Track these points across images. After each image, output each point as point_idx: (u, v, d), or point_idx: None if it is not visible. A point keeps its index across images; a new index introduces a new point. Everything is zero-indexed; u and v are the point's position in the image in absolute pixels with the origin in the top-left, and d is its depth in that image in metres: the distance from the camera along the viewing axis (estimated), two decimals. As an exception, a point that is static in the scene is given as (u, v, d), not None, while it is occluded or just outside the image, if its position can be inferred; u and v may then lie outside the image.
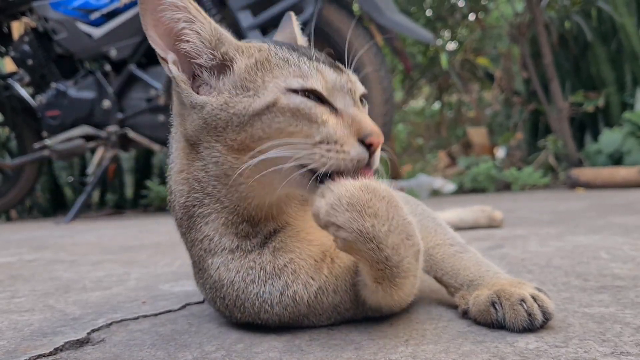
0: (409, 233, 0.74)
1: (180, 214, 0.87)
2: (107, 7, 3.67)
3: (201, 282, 0.91)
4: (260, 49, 0.81)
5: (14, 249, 2.30)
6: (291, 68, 0.77)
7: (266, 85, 0.76)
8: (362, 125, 0.75)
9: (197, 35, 0.80)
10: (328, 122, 0.75)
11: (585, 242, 1.58)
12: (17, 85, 4.10)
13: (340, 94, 0.77)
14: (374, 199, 0.71)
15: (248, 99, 0.76)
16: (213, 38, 0.81)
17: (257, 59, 0.79)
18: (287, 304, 0.83)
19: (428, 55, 6.79)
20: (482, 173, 4.92)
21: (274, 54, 0.80)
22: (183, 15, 0.79)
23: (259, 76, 0.78)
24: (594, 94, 5.24)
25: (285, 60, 0.78)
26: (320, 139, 0.74)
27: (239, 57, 0.80)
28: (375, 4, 3.25)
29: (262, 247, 0.84)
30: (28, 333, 0.94)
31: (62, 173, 6.10)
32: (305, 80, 0.75)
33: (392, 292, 0.78)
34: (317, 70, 0.77)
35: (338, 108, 0.77)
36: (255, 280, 0.83)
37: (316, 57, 0.80)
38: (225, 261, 0.84)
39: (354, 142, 0.74)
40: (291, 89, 0.75)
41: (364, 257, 0.74)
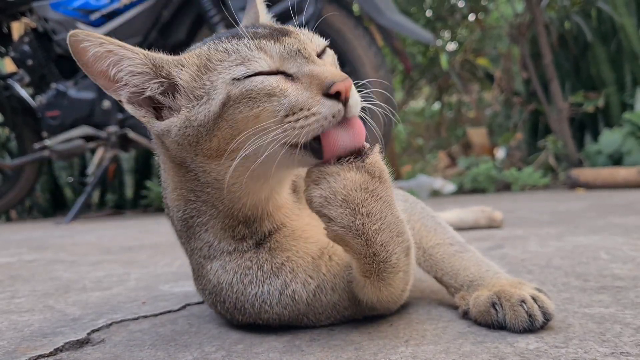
0: (400, 230, 0.75)
1: (180, 226, 0.89)
2: (107, 8, 3.67)
3: (201, 288, 0.92)
4: (199, 54, 0.79)
5: (14, 249, 2.30)
6: (232, 57, 0.75)
7: (215, 85, 0.74)
8: (321, 77, 0.71)
9: (131, 74, 0.78)
10: (287, 90, 0.72)
11: (585, 243, 1.58)
12: (17, 85, 4.09)
13: (290, 60, 0.74)
14: (370, 199, 0.71)
15: (205, 105, 0.75)
16: (149, 67, 0.79)
17: (198, 64, 0.77)
18: (287, 304, 0.83)
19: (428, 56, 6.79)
20: (482, 173, 4.92)
21: (213, 51, 0.77)
22: (109, 62, 0.77)
23: (206, 79, 0.76)
24: (593, 94, 5.24)
25: (225, 51, 0.76)
26: (285, 111, 0.71)
27: (181, 71, 0.78)
28: (376, 4, 3.25)
29: (257, 247, 0.84)
30: (28, 333, 0.94)
31: (62, 173, 6.10)
32: (248, 65, 0.73)
33: (380, 286, 0.78)
34: (258, 49, 0.74)
35: (292, 73, 0.73)
36: (254, 281, 0.83)
37: (257, 33, 0.77)
38: (223, 263, 0.84)
39: (320, 98, 0.70)
40: (237, 78, 0.73)
41: (352, 250, 0.74)
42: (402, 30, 3.36)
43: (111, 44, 0.77)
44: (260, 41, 0.75)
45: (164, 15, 3.64)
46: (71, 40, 0.75)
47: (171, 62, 0.79)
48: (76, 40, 0.75)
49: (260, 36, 0.76)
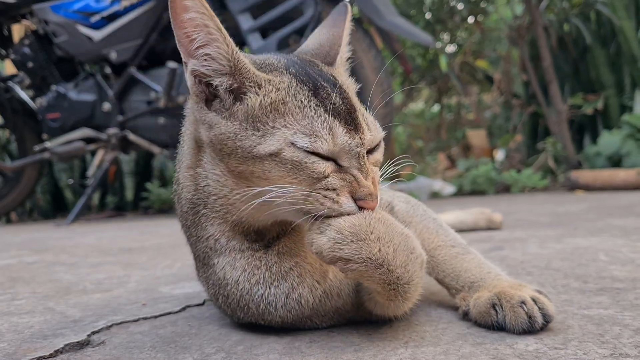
0: (411, 246, 0.76)
1: (186, 207, 0.87)
2: (107, 10, 3.68)
3: (204, 277, 0.90)
4: (280, 87, 0.77)
5: (15, 251, 2.30)
6: (304, 121, 0.74)
7: (274, 132, 0.74)
8: (360, 187, 0.74)
9: (210, 58, 0.77)
10: (329, 176, 0.74)
11: (585, 244, 1.58)
12: (17, 87, 4.10)
13: (347, 156, 0.75)
14: (373, 223, 0.73)
15: (255, 138, 0.74)
16: (230, 64, 0.77)
17: (272, 99, 0.76)
18: (292, 307, 0.83)
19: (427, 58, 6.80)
20: (482, 175, 4.92)
21: (292, 96, 0.76)
22: (199, 36, 0.76)
23: (271, 119, 0.75)
24: (593, 96, 5.24)
25: (301, 108, 0.75)
26: (317, 183, 0.74)
27: (254, 93, 0.77)
28: (375, 6, 3.25)
29: (267, 248, 0.84)
30: (28, 335, 0.94)
31: (63, 175, 6.10)
32: (312, 142, 0.73)
33: (404, 305, 0.79)
34: (329, 130, 0.74)
35: (343, 165, 0.75)
36: (261, 281, 0.83)
37: (335, 109, 0.76)
38: (232, 260, 0.84)
39: (349, 197, 0.74)
40: (296, 145, 0.73)
41: (375, 282, 0.74)
42: (401, 32, 3.36)
43: (211, 19, 0.75)
44: (335, 122, 0.75)
45: (165, 18, 3.65)
46: None
47: (252, 76, 0.77)
48: None
49: (336, 115, 0.75)
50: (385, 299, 0.78)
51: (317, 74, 0.80)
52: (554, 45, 5.54)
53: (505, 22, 5.65)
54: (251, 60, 0.80)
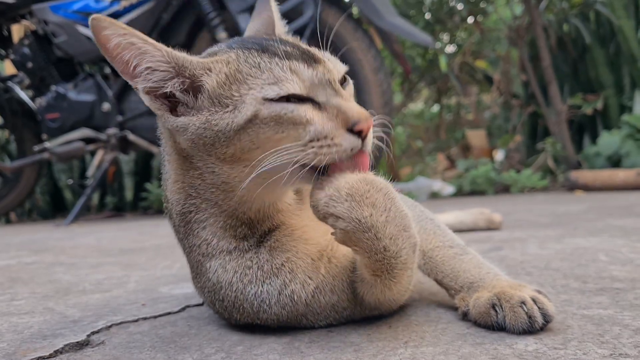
0: (406, 225, 0.75)
1: (177, 221, 0.88)
2: (107, 10, 3.68)
3: (199, 286, 0.91)
4: (229, 61, 0.78)
5: (14, 252, 2.30)
6: (264, 74, 0.75)
7: (243, 99, 0.75)
8: (348, 114, 0.74)
9: (151, 70, 0.77)
10: (313, 119, 0.74)
11: (584, 245, 1.59)
12: (17, 87, 4.10)
13: (320, 88, 0.75)
14: (372, 190, 0.73)
15: (229, 114, 0.75)
16: (171, 66, 0.78)
17: (227, 73, 0.77)
18: (285, 304, 0.83)
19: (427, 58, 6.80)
20: (481, 175, 4.92)
21: (243, 62, 0.77)
22: (131, 56, 0.76)
23: (234, 89, 0.76)
24: (592, 96, 5.25)
25: (256, 66, 0.76)
26: (309, 137, 0.74)
27: (207, 76, 0.78)
28: (375, 7, 3.26)
29: (258, 247, 0.84)
30: (28, 335, 0.94)
31: (62, 175, 6.10)
32: (281, 87, 0.73)
33: (391, 284, 0.79)
34: (291, 71, 0.75)
35: (320, 102, 0.75)
36: (253, 280, 0.83)
37: (289, 53, 0.77)
38: (223, 262, 0.84)
39: (344, 132, 0.73)
40: (268, 98, 0.73)
41: (362, 247, 0.74)
42: (401, 33, 3.37)
43: (134, 36, 0.76)
44: (293, 62, 0.75)
45: (164, 18, 3.65)
46: (93, 24, 0.75)
47: (197, 64, 0.79)
48: (98, 25, 0.75)
49: (292, 57, 0.76)
50: (371, 273, 0.78)
51: (262, 39, 0.82)
52: (553, 45, 5.54)
53: (505, 23, 5.65)
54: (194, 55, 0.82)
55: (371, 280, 0.79)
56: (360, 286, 0.84)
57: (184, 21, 3.74)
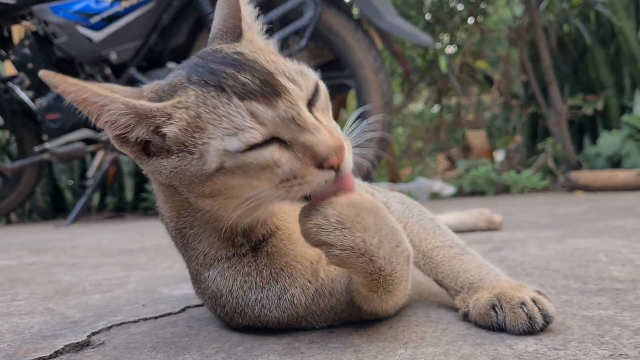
0: (399, 241, 0.76)
1: (174, 233, 0.88)
2: (107, 11, 3.68)
3: (200, 292, 0.92)
4: (187, 105, 0.72)
5: (14, 252, 2.30)
6: (223, 123, 0.69)
7: (207, 149, 0.70)
8: (315, 150, 0.68)
9: (112, 122, 0.74)
10: (280, 160, 0.69)
11: (585, 245, 1.59)
12: (17, 88, 4.10)
13: (284, 125, 0.69)
14: (362, 214, 0.72)
15: (196, 161, 0.71)
16: (131, 116, 0.73)
17: (187, 120, 0.72)
18: (285, 307, 0.83)
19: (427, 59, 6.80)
20: (481, 176, 4.92)
21: (202, 104, 0.71)
22: (89, 108, 0.73)
23: (197, 137, 0.71)
24: (592, 97, 5.25)
25: (214, 111, 0.70)
26: (279, 179, 0.70)
27: (168, 124, 0.73)
28: (375, 7, 3.26)
29: (255, 251, 0.84)
30: (28, 336, 0.94)
31: (62, 176, 6.09)
32: (241, 138, 0.68)
33: (387, 298, 0.79)
34: (250, 116, 0.69)
35: (286, 140, 0.70)
36: (253, 287, 0.83)
37: (247, 89, 0.70)
38: (222, 271, 0.84)
39: (314, 170, 0.69)
40: (229, 151, 0.69)
41: (357, 270, 0.74)
42: (401, 33, 3.37)
43: (87, 91, 0.72)
44: (252, 104, 0.69)
45: (164, 19, 3.65)
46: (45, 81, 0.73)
47: (156, 112, 0.73)
48: (50, 83, 0.73)
49: (251, 94, 0.70)
50: (368, 290, 0.78)
51: (221, 63, 0.74)
52: (553, 46, 5.54)
53: (505, 23, 5.65)
54: (155, 93, 0.76)
55: (368, 295, 0.80)
56: (357, 298, 0.85)
57: (185, 21, 3.75)
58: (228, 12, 0.84)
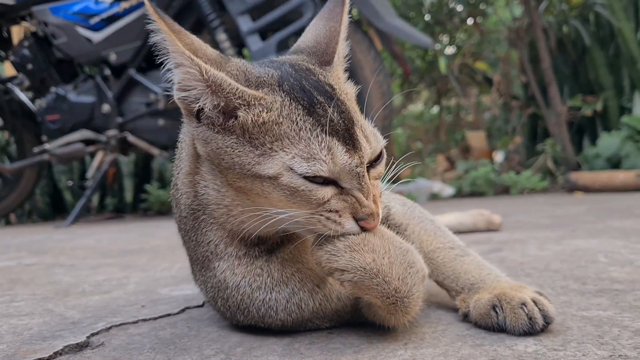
0: (411, 261, 0.76)
1: (185, 212, 0.87)
2: (106, 12, 3.68)
3: (202, 280, 0.90)
4: (271, 108, 0.72)
5: (14, 253, 2.30)
6: (301, 144, 0.71)
7: (272, 155, 0.71)
8: (362, 207, 0.73)
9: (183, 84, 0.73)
10: (330, 200, 0.73)
11: (584, 246, 1.59)
12: (16, 89, 4.10)
13: (348, 175, 0.72)
14: (368, 237, 0.74)
15: (253, 156, 0.72)
16: (207, 84, 0.72)
17: (265, 119, 0.72)
18: (292, 311, 0.84)
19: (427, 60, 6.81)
20: (481, 177, 4.92)
21: (286, 116, 0.72)
22: (167, 60, 0.73)
23: (267, 139, 0.72)
24: (592, 98, 5.25)
25: (297, 130, 0.72)
26: (318, 207, 0.73)
27: (244, 110, 0.73)
28: (374, 8, 3.26)
29: (269, 254, 0.84)
30: (27, 337, 0.94)
31: (62, 177, 6.09)
32: (311, 166, 0.70)
33: (405, 318, 0.79)
34: (328, 151, 0.71)
35: (344, 187, 0.74)
36: (262, 287, 0.83)
37: (333, 126, 0.72)
38: (232, 266, 0.84)
39: (350, 218, 0.74)
40: (294, 170, 0.70)
41: (373, 294, 0.74)
42: (400, 34, 3.37)
43: (174, 42, 0.71)
44: (334, 141, 0.71)
45: (164, 19, 3.65)
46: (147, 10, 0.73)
47: (237, 93, 0.72)
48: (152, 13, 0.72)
49: (335, 133, 0.72)
50: (386, 313, 0.78)
51: (313, 86, 0.76)
52: (553, 47, 5.55)
53: (505, 24, 5.66)
54: (242, 74, 0.76)
55: (385, 316, 0.79)
56: (367, 314, 0.85)
57: (185, 22, 3.74)
58: (324, 36, 0.87)
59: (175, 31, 0.73)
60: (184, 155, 0.87)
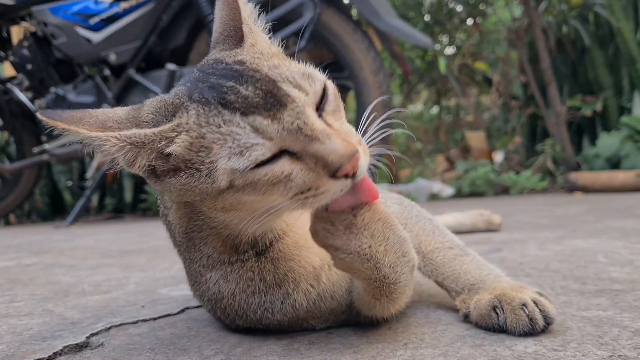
0: (405, 250, 0.76)
1: (180, 238, 0.88)
2: (106, 12, 3.68)
3: (199, 294, 0.91)
4: (188, 129, 0.68)
5: (13, 253, 2.30)
6: (228, 142, 0.66)
7: (215, 167, 0.67)
8: (327, 160, 0.65)
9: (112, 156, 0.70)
10: (292, 174, 0.67)
11: (584, 246, 1.59)
12: (16, 89, 4.09)
13: (292, 137, 0.66)
14: (370, 222, 0.73)
15: (205, 179, 0.69)
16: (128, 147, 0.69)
17: (190, 141, 0.68)
18: (287, 311, 0.84)
19: (426, 60, 6.82)
20: (481, 177, 4.93)
21: (205, 124, 0.68)
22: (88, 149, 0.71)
23: (203, 156, 0.68)
24: (591, 98, 5.26)
25: (218, 130, 0.67)
26: (293, 192, 0.68)
27: (170, 146, 0.69)
28: (374, 9, 3.26)
29: (259, 256, 0.84)
30: (27, 337, 0.94)
31: (61, 177, 6.09)
32: (248, 157, 0.65)
33: (390, 306, 0.79)
34: (255, 132, 0.65)
35: (296, 152, 0.67)
36: (256, 292, 0.83)
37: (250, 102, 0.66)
38: (224, 274, 0.84)
39: (328, 180, 0.66)
40: (238, 169, 0.66)
41: (361, 276, 0.75)
42: (400, 34, 3.37)
43: (78, 132, 0.68)
44: (255, 119, 0.66)
45: (163, 20, 3.65)
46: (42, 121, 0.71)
47: (155, 137, 0.69)
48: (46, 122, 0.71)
49: (253, 109, 0.66)
50: (371, 297, 0.78)
51: (221, 75, 0.70)
52: (552, 47, 5.55)
53: (504, 24, 5.66)
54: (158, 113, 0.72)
55: (370, 301, 0.80)
56: (358, 303, 0.85)
57: (184, 22, 3.74)
58: (227, 14, 0.79)
59: (75, 121, 0.70)
60: (167, 199, 0.87)
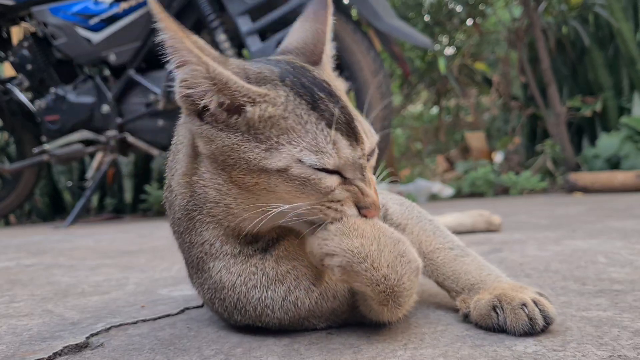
0: (402, 250, 0.76)
1: (180, 214, 0.86)
2: (106, 13, 3.69)
3: (199, 282, 0.90)
4: (275, 102, 0.74)
5: (13, 254, 2.30)
6: (308, 137, 0.73)
7: (279, 148, 0.73)
8: (364, 197, 0.76)
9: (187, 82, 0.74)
10: (335, 190, 0.75)
11: (584, 247, 1.59)
12: (16, 90, 4.10)
13: (351, 167, 0.76)
14: (359, 223, 0.75)
15: (260, 151, 0.73)
16: (210, 82, 0.73)
17: (271, 114, 0.74)
18: (289, 309, 0.83)
19: (426, 60, 6.82)
20: (480, 177, 4.93)
21: (291, 110, 0.74)
22: (173, 58, 0.73)
23: (274, 133, 0.74)
24: (591, 98, 5.26)
25: (302, 123, 0.74)
26: (324, 200, 0.75)
27: (250, 107, 0.74)
28: (374, 9, 3.26)
29: (264, 252, 0.84)
30: (27, 338, 0.94)
31: (61, 177, 6.10)
32: (319, 158, 0.73)
33: (397, 311, 0.78)
34: (333, 145, 0.74)
35: (347, 178, 0.76)
36: (258, 286, 0.83)
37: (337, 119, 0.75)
38: (227, 265, 0.84)
39: (352, 206, 0.77)
40: (303, 162, 0.73)
41: (362, 281, 0.74)
42: (400, 35, 3.37)
43: (179, 41, 0.72)
44: (337, 136, 0.75)
45: (164, 20, 3.65)
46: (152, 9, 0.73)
47: (241, 90, 0.74)
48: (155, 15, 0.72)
49: (338, 127, 0.75)
50: (378, 304, 0.77)
51: (311, 82, 0.78)
52: (552, 47, 5.56)
53: (504, 25, 5.67)
54: (243, 72, 0.77)
55: (378, 309, 0.79)
56: (364, 309, 0.85)
57: (184, 23, 3.73)
58: (312, 38, 0.89)
59: (182, 29, 0.74)
60: (180, 157, 0.86)
